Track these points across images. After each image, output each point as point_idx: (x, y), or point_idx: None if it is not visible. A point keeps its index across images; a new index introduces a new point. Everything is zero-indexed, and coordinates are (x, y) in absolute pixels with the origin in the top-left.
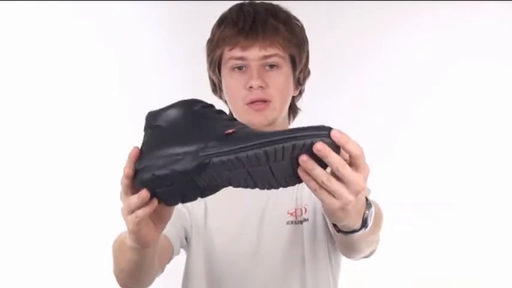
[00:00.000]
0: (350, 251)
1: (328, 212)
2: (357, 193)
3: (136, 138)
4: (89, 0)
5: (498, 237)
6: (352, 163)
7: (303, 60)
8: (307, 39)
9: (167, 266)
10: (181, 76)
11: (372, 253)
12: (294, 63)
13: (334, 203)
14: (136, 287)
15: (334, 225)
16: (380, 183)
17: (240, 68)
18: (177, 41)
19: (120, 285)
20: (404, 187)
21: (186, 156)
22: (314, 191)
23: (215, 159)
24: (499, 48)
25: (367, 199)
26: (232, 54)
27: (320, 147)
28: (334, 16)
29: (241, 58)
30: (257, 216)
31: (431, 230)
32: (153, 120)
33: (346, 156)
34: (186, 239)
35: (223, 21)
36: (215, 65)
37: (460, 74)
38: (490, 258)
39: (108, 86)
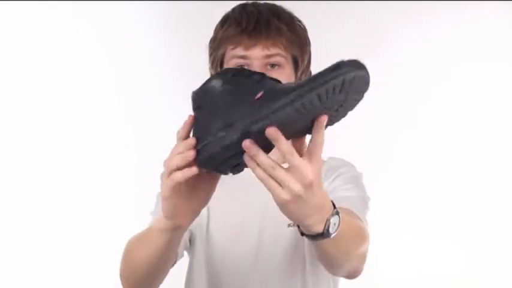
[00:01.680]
0: (326, 262)
1: (279, 206)
2: (305, 185)
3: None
4: (89, 0)
5: (499, 237)
6: (307, 152)
7: (305, 61)
8: (309, 40)
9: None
10: (181, 76)
11: (356, 272)
12: (296, 64)
13: (281, 193)
14: None
15: (299, 228)
16: (380, 183)
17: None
18: (177, 41)
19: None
20: (405, 187)
21: (229, 130)
22: (262, 180)
23: (254, 127)
24: (499, 48)
25: (335, 207)
26: (234, 53)
27: (271, 131)
28: (334, 16)
29: (243, 57)
30: (258, 218)
31: (431, 230)
32: (197, 99)
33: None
34: (190, 240)
35: (227, 21)
36: (217, 63)
37: (460, 74)
38: (490, 258)
39: (107, 86)
